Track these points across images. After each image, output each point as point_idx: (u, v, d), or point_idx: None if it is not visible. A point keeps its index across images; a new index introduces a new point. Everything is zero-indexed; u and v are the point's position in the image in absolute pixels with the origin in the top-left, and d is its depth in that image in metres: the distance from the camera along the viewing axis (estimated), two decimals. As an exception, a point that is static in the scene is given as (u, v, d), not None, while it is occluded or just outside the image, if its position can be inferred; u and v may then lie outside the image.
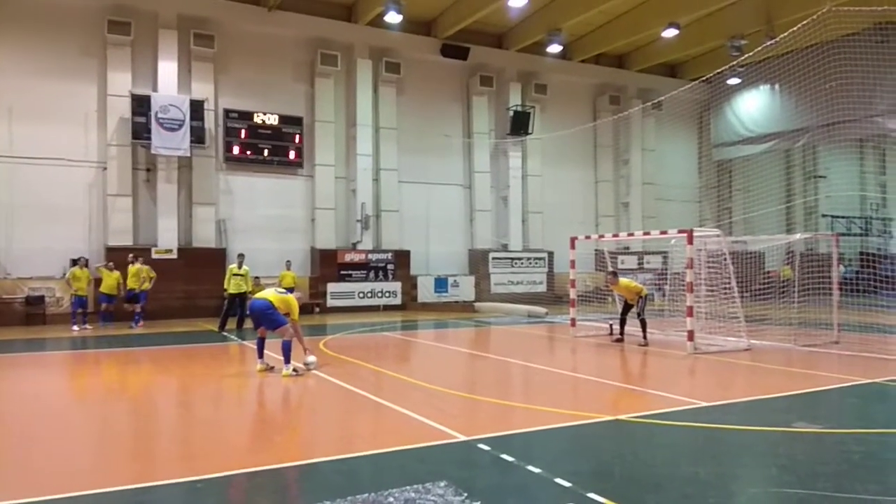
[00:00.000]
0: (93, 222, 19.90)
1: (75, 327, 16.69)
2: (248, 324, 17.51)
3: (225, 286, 16.82)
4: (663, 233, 15.06)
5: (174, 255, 19.99)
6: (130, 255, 18.00)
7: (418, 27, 24.28)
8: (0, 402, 8.80)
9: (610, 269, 14.98)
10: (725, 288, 13.53)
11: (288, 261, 20.37)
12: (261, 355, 10.27)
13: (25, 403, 8.39)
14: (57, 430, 6.98)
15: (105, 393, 9.27)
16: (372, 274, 23.20)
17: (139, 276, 17.58)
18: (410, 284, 24.04)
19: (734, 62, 21.82)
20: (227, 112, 21.44)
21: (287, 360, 9.87)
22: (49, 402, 8.72)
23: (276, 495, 4.94)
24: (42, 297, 18.43)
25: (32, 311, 18.36)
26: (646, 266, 26.84)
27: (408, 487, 4.85)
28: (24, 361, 12.57)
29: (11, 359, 12.73)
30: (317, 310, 22.01)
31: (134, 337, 15.56)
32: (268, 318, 9.93)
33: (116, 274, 17.44)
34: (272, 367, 10.13)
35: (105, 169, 19.93)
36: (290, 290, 11.80)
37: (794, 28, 15.00)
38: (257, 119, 21.85)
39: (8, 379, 10.55)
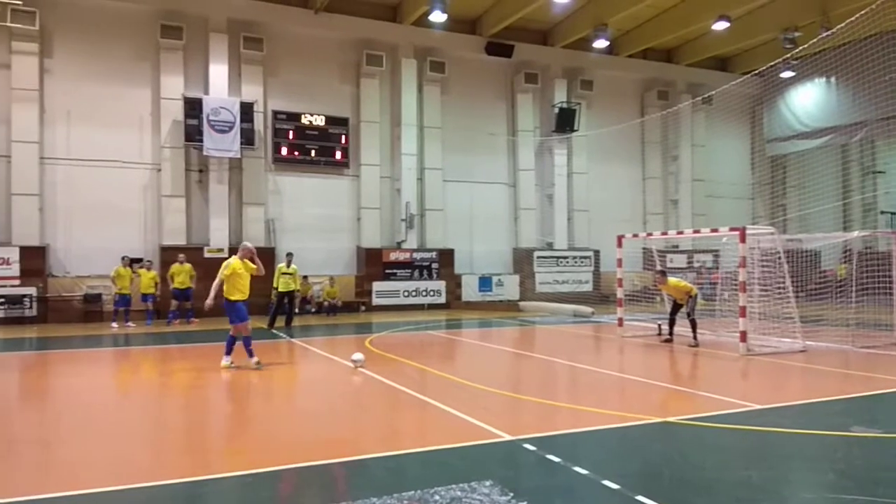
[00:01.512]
0: (148, 222, 20.54)
1: (115, 324, 17.29)
2: (298, 321, 17.91)
3: (274, 284, 17.13)
4: (714, 231, 14.70)
5: (225, 255, 20.43)
6: (181, 256, 18.51)
7: (463, 26, 24.28)
8: (57, 396, 9.15)
9: (658, 268, 14.72)
10: (779, 287, 13.16)
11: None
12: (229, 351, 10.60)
13: (81, 398, 8.70)
14: (111, 424, 7.22)
15: (158, 388, 9.54)
16: (416, 273, 23.32)
17: (190, 274, 18.11)
18: (454, 283, 24.07)
19: (788, 55, 21.25)
20: (275, 114, 21.84)
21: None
22: (103, 396, 9.04)
23: (324, 491, 5.01)
24: (99, 295, 19.06)
25: (90, 309, 19.03)
26: (694, 265, 26.28)
27: (454, 486, 4.85)
28: (81, 357, 13.03)
29: (70, 354, 13.22)
30: (362, 308, 22.25)
31: (185, 334, 15.99)
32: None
33: (153, 273, 18.06)
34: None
35: (159, 170, 20.54)
36: None
37: (851, 18, 14.50)
38: (305, 120, 22.19)
39: (65, 374, 10.96)
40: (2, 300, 18.12)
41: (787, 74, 26.22)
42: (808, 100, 27.61)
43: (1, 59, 18.80)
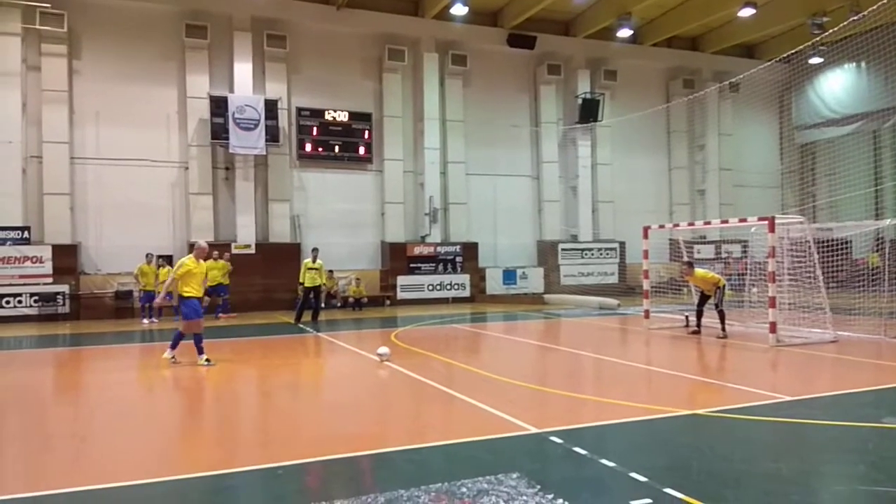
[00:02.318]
0: (176, 220, 20.86)
1: (145, 320, 17.61)
2: (324, 316, 18.07)
3: (300, 280, 17.28)
4: (742, 220, 14.46)
5: (252, 251, 20.69)
6: (215, 253, 18.73)
7: (484, 18, 24.18)
8: (90, 391, 9.35)
9: (685, 259, 14.56)
10: (809, 277, 12.95)
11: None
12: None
13: (113, 393, 8.88)
14: (142, 419, 7.36)
15: (187, 382, 9.70)
16: (440, 266, 23.36)
17: (224, 270, 18.39)
18: (479, 277, 24.07)
19: (816, 40, 20.81)
20: (299, 110, 21.99)
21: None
22: (135, 391, 9.22)
23: (351, 483, 5.06)
24: (130, 292, 19.38)
25: (121, 305, 19.38)
26: (722, 255, 25.93)
27: (480, 478, 4.87)
28: (112, 353, 13.28)
29: (102, 350, 13.49)
30: (387, 302, 22.35)
31: (214, 329, 16.20)
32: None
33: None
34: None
35: (187, 168, 20.83)
36: None
37: (882, 1, 14.15)
38: (328, 116, 22.31)
39: (98, 370, 11.20)
40: (35, 298, 18.54)
41: (815, 60, 25.70)
42: (837, 86, 27.04)
43: (31, 62, 19.18)
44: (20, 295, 18.44)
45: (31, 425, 7.13)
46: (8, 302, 18.31)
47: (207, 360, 10.40)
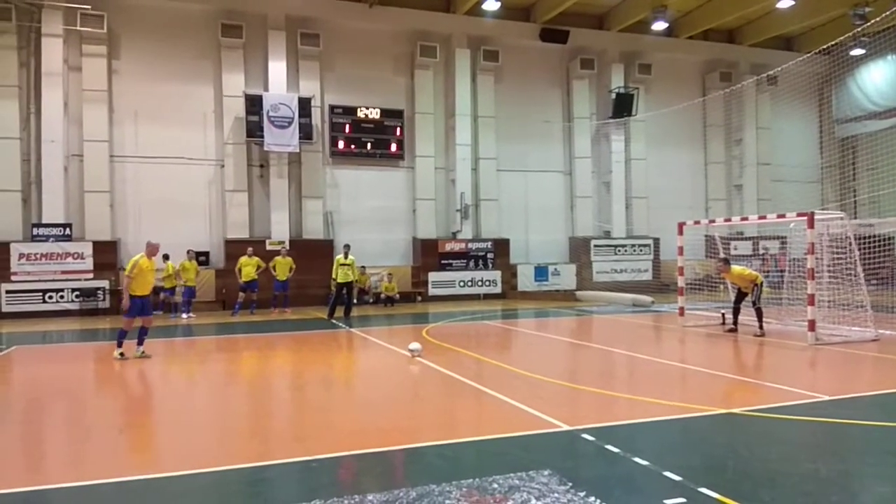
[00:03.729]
0: (213, 217, 21.23)
1: (184, 315, 17.99)
2: (356, 311, 18.21)
3: (333, 276, 17.44)
4: (781, 216, 14.14)
5: (287, 247, 20.94)
6: (249, 249, 19.06)
7: (516, 13, 24.06)
8: (130, 384, 9.56)
9: (721, 255, 14.31)
10: (850, 274, 12.63)
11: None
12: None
13: (153, 386, 9.07)
14: (180, 412, 7.51)
15: (224, 376, 9.87)
16: (472, 263, 23.36)
17: (257, 266, 18.68)
18: (510, 273, 24.00)
19: (857, 31, 20.25)
20: (332, 108, 22.16)
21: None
22: (173, 385, 9.41)
23: (383, 477, 5.10)
24: (172, 288, 19.72)
25: (162, 301, 19.71)
26: (759, 252, 25.44)
27: (511, 475, 4.87)
28: (152, 347, 13.55)
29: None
30: (419, 298, 22.43)
31: (248, 324, 16.44)
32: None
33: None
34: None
35: (223, 166, 21.16)
36: None
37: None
38: (360, 114, 22.45)
39: (138, 363, 11.44)
40: (77, 293, 19.04)
41: (857, 52, 25.03)
42: (880, 78, 26.31)
43: (72, 62, 19.67)
44: (62, 290, 18.97)
45: (69, 418, 7.32)
46: (50, 297, 18.86)
47: (143, 352, 10.92)
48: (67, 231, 19.15)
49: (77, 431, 6.66)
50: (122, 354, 10.80)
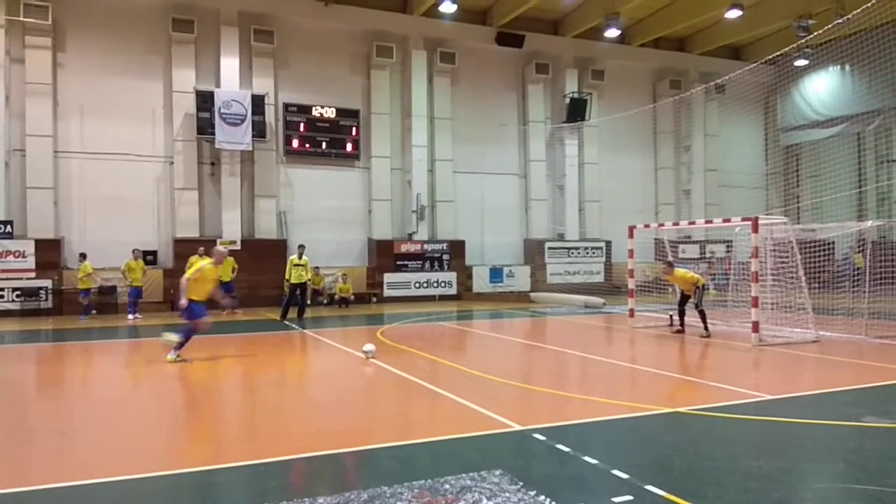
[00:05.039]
0: (161, 215, 20.72)
1: (130, 316, 17.52)
2: (310, 313, 18.01)
3: (286, 276, 17.21)
4: (727, 221, 14.59)
5: (238, 247, 20.59)
6: (201, 248, 18.60)
7: (473, 16, 24.19)
8: (73, 387, 9.27)
9: (666, 259, 14.65)
10: (792, 278, 13.07)
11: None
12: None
13: (96, 388, 8.81)
14: (125, 414, 7.31)
15: (170, 379, 9.64)
16: (427, 264, 23.37)
17: (231, 267, 18.35)
18: (465, 275, 24.10)
19: (801, 42, 21.00)
20: (286, 106, 21.89)
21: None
22: (117, 387, 9.16)
23: (335, 479, 5.05)
24: (114, 288, 19.24)
25: (105, 301, 19.21)
26: (706, 255, 26.12)
27: (463, 475, 4.89)
28: (96, 349, 13.17)
29: (85, 346, 13.37)
30: (374, 299, 22.33)
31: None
32: None
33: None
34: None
35: (172, 163, 20.68)
36: None
37: (867, 5, 14.31)
38: (315, 112, 22.23)
39: (80, 365, 11.11)
40: (18, 292, 18.36)
41: (801, 63, 25.93)
42: (822, 88, 27.30)
43: (15, 54, 18.97)
44: (2, 290, 18.26)
45: (15, 421, 7.06)
46: (-10, 297, 18.13)
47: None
48: (8, 228, 18.45)
49: (18, 435, 6.42)
50: (179, 357, 10.32)
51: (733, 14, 22.74)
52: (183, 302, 10.24)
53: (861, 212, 26.85)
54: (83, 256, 17.95)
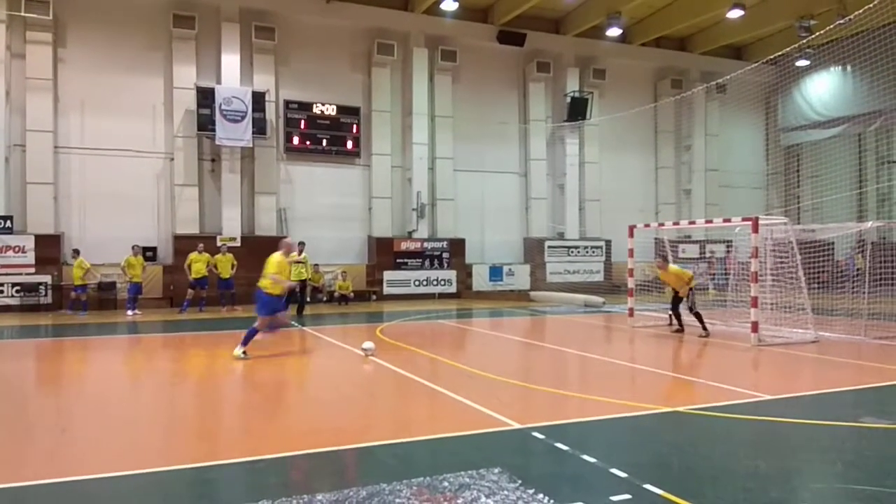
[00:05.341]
0: (161, 211, 20.69)
1: (129, 312, 17.51)
2: (309, 310, 18.01)
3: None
4: (727, 220, 14.57)
5: (237, 244, 20.57)
6: (200, 245, 18.63)
7: (474, 14, 24.15)
8: (72, 383, 9.27)
9: (662, 253, 14.63)
10: (792, 278, 13.08)
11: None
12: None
13: (95, 384, 8.81)
14: (124, 411, 7.32)
15: (170, 375, 9.64)
16: (427, 262, 23.35)
17: (231, 263, 18.50)
18: (465, 273, 24.09)
19: (803, 43, 20.98)
20: (287, 103, 21.87)
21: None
22: (117, 383, 9.16)
23: (334, 476, 5.06)
24: (114, 283, 19.19)
25: (105, 297, 19.19)
26: (706, 255, 26.12)
27: (462, 473, 4.89)
28: (95, 345, 13.18)
29: (84, 342, 13.38)
30: (373, 297, 22.33)
31: (196, 322, 16.12)
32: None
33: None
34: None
35: (172, 160, 20.66)
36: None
37: (868, 6, 14.30)
38: (316, 110, 22.21)
39: (80, 361, 11.11)
40: (17, 288, 18.35)
41: (802, 63, 25.91)
42: (823, 88, 27.28)
43: (16, 49, 18.93)
44: (2, 285, 18.24)
45: (10, 416, 7.06)
46: (-11, 292, 18.12)
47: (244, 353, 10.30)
48: (8, 224, 18.41)
49: (16, 431, 6.42)
50: (244, 353, 10.26)
51: (735, 14, 22.71)
52: (289, 284, 10.71)
53: (861, 213, 26.85)
54: (76, 253, 17.92)
